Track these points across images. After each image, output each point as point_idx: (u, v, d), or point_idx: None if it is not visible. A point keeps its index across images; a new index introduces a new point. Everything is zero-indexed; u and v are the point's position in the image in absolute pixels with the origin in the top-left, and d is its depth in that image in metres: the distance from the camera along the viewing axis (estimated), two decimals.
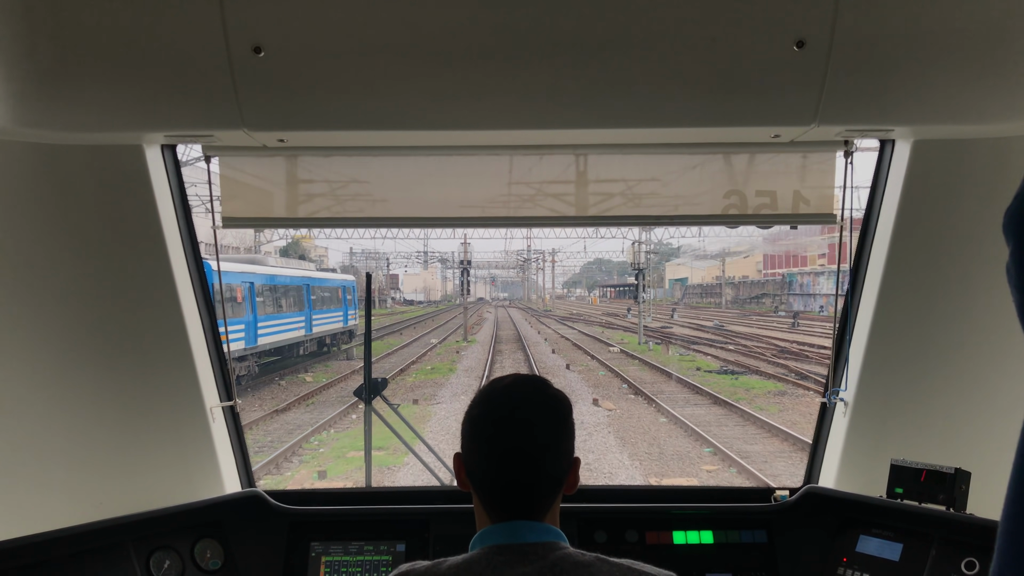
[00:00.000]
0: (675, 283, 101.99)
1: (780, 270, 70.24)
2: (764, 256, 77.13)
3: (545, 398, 1.38)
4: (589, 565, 1.27)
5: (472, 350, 29.33)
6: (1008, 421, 1.71)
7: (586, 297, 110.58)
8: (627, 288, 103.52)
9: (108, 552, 2.20)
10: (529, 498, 1.34)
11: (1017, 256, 0.74)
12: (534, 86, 1.99)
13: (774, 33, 1.90)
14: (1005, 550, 0.73)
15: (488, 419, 1.37)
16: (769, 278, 73.11)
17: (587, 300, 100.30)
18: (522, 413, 1.35)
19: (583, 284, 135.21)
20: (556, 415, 1.38)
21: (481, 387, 1.44)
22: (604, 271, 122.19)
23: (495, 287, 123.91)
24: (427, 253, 59.60)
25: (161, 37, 1.91)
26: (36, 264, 2.32)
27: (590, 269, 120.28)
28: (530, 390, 1.39)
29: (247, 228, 3.78)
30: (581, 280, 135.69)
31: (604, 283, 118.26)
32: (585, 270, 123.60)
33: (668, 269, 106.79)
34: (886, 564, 2.22)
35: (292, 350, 24.86)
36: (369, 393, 3.06)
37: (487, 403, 1.39)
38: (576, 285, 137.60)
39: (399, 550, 2.49)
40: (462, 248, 36.72)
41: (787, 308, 56.50)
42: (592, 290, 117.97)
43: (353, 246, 70.56)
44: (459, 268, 35.89)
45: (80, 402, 2.47)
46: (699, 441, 13.00)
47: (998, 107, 2.01)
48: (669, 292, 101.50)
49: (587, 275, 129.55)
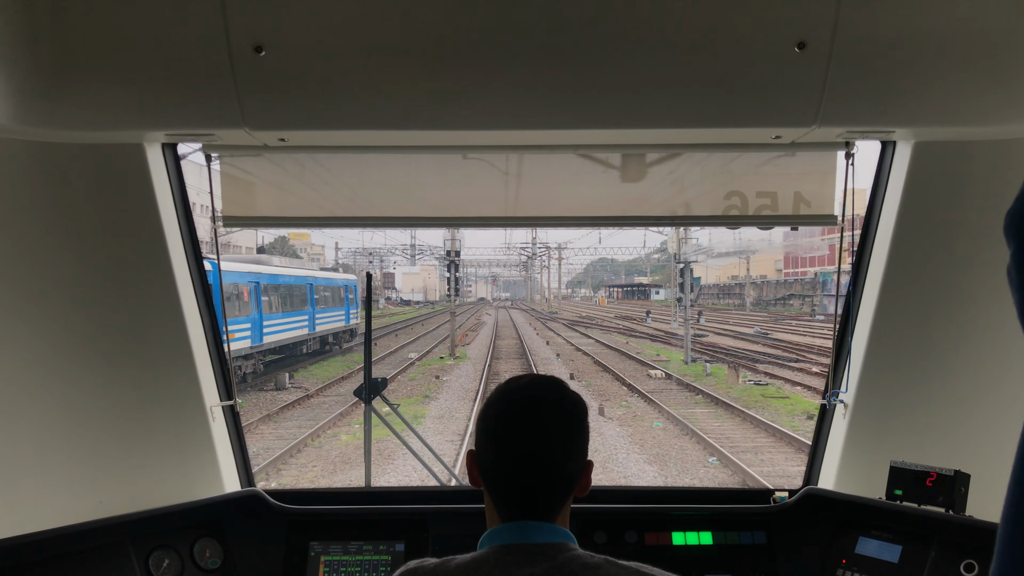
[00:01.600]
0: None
1: (810, 269, 64.66)
2: (785, 255, 73.93)
3: (561, 400, 1.39)
4: (598, 567, 1.27)
5: (457, 374, 21.23)
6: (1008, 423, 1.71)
7: (592, 298, 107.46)
8: (636, 288, 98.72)
9: (107, 551, 2.20)
10: (541, 499, 1.34)
11: (1018, 258, 0.74)
12: (534, 86, 1.99)
13: (775, 34, 1.89)
14: (1005, 552, 0.73)
15: (503, 418, 1.37)
16: (797, 278, 68.37)
17: (593, 301, 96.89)
18: (537, 414, 1.35)
19: (587, 284, 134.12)
20: (572, 418, 1.38)
21: (498, 385, 1.45)
22: (609, 270, 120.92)
23: (496, 287, 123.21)
24: (415, 246, 52.85)
25: (162, 36, 1.91)
26: (36, 263, 2.32)
27: (595, 268, 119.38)
28: (546, 391, 1.39)
29: (247, 227, 3.78)
30: (586, 280, 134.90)
31: (611, 283, 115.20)
32: (590, 269, 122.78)
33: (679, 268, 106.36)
34: (885, 566, 2.22)
35: (296, 348, 24.98)
36: (369, 393, 3.06)
37: (503, 402, 1.39)
38: (581, 285, 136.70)
39: (398, 550, 2.49)
40: (449, 238, 28.32)
41: (822, 310, 50.17)
42: (598, 290, 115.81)
43: (339, 241, 67.62)
44: (445, 263, 29.40)
45: (80, 401, 2.47)
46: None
47: (999, 109, 2.01)
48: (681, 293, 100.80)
49: (592, 274, 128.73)
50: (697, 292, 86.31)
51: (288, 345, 24.17)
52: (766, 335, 32.26)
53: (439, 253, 43.38)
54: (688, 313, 24.20)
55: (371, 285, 3.71)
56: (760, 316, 51.83)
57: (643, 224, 2.66)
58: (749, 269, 65.54)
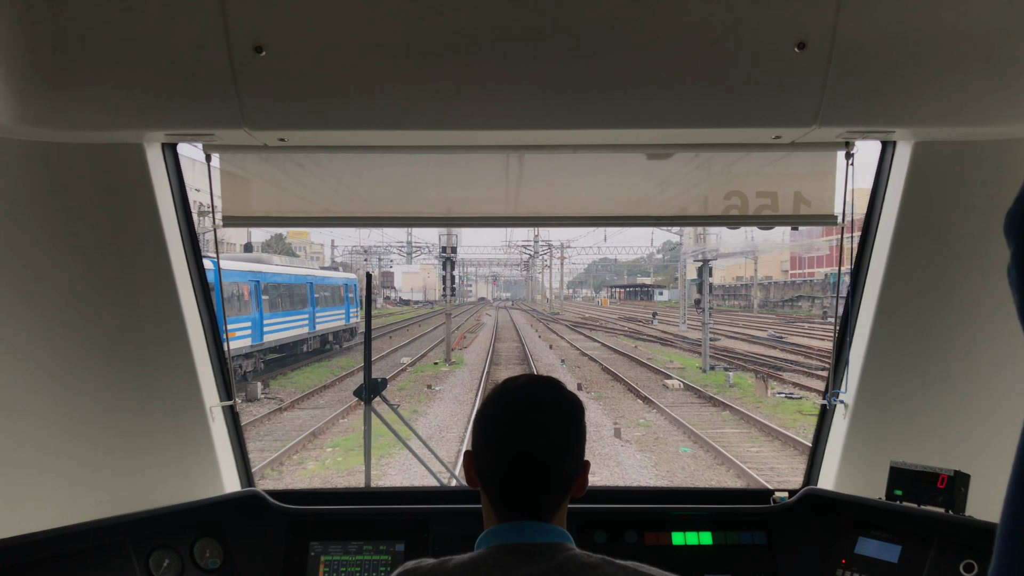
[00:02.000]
0: (692, 283, 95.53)
1: (818, 269, 63.03)
2: (791, 255, 71.80)
3: (558, 400, 1.38)
4: (595, 567, 1.27)
5: (453, 382, 19.87)
6: (1008, 424, 1.71)
7: (594, 298, 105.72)
8: (640, 289, 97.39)
9: (107, 551, 2.20)
10: (538, 499, 1.34)
11: (1018, 258, 0.74)
12: (534, 87, 1.99)
13: (775, 34, 1.89)
14: (1004, 552, 0.73)
15: (500, 418, 1.37)
16: (805, 279, 66.79)
17: (595, 302, 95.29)
18: (535, 414, 1.35)
19: (588, 284, 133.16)
20: (569, 418, 1.38)
21: (494, 385, 1.44)
22: (611, 271, 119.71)
23: (497, 286, 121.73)
24: (411, 243, 50.33)
25: (162, 36, 1.91)
26: (36, 263, 2.32)
27: (596, 268, 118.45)
28: (544, 391, 1.39)
29: (247, 227, 3.78)
30: (587, 280, 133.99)
31: (612, 283, 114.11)
32: (591, 269, 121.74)
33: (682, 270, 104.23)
34: (885, 566, 2.22)
35: (296, 347, 24.93)
36: (369, 393, 3.07)
37: (500, 402, 1.39)
38: (582, 285, 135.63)
39: (398, 550, 2.49)
40: (444, 233, 26.99)
41: (834, 313, 48.74)
42: (599, 291, 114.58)
43: (335, 239, 65.86)
44: (441, 260, 28.07)
45: (80, 401, 2.47)
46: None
47: (999, 109, 2.01)
48: (687, 293, 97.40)
49: (593, 275, 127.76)
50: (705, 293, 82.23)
51: (288, 344, 24.14)
52: (781, 339, 31.35)
53: (436, 251, 41.78)
54: (708, 316, 22.24)
55: (371, 285, 3.71)
56: (769, 318, 50.29)
57: (643, 224, 2.66)
58: (757, 270, 63.48)
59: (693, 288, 28.59)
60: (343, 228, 52.01)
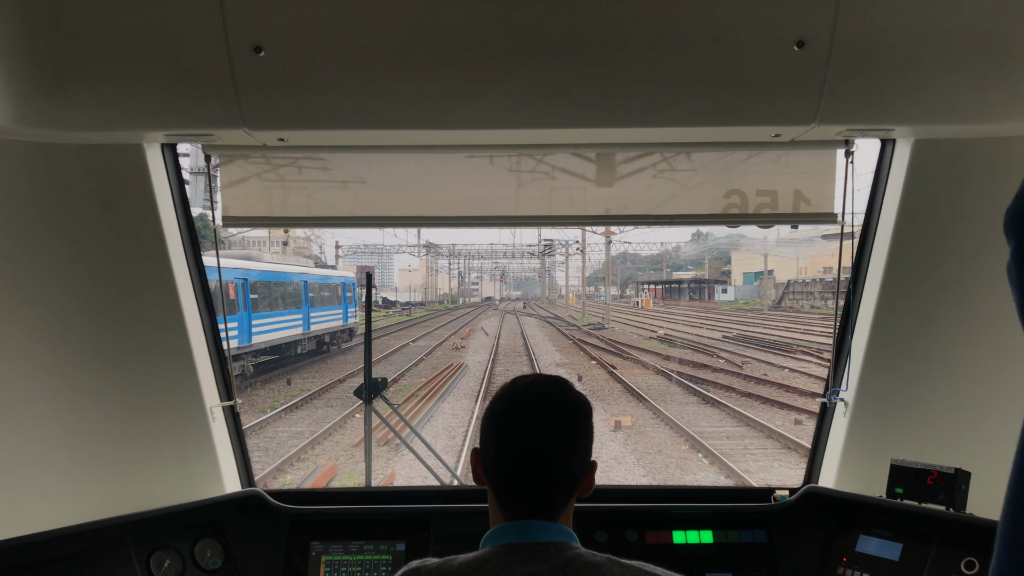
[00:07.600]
0: (756, 278, 76.29)
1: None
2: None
3: (566, 398, 1.38)
4: (600, 566, 1.26)
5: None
6: (1008, 421, 1.71)
7: (632, 299, 78.64)
8: (679, 285, 79.52)
9: (108, 551, 2.20)
10: (545, 497, 1.34)
11: (1018, 256, 0.74)
12: (534, 86, 1.99)
13: (775, 33, 1.90)
14: (1004, 550, 0.73)
15: (508, 414, 1.37)
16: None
17: (633, 303, 70.70)
18: (544, 411, 1.35)
19: (615, 281, 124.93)
20: (578, 415, 1.38)
21: (504, 384, 1.44)
22: (634, 266, 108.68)
23: (505, 284, 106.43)
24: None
25: (161, 36, 1.91)
26: (36, 263, 2.32)
27: (615, 264, 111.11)
28: (552, 389, 1.39)
29: (247, 227, 3.78)
30: (603, 276, 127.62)
31: (645, 279, 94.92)
32: (612, 264, 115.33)
33: (734, 261, 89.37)
34: (886, 564, 2.22)
35: (289, 349, 24.30)
36: (369, 393, 3.07)
37: (509, 399, 1.39)
38: (602, 282, 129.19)
39: (399, 550, 2.49)
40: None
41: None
42: (625, 287, 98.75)
43: (322, 236, 62.59)
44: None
45: (80, 401, 2.47)
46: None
47: (998, 107, 2.01)
48: (754, 291, 71.24)
49: (612, 270, 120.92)
50: (781, 291, 63.06)
51: (282, 345, 23.18)
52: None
53: (436, 250, 36.47)
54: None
55: (371, 284, 3.71)
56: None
57: (644, 223, 2.66)
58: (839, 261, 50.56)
59: (768, 284, 20.53)
60: (343, 228, 51.20)
